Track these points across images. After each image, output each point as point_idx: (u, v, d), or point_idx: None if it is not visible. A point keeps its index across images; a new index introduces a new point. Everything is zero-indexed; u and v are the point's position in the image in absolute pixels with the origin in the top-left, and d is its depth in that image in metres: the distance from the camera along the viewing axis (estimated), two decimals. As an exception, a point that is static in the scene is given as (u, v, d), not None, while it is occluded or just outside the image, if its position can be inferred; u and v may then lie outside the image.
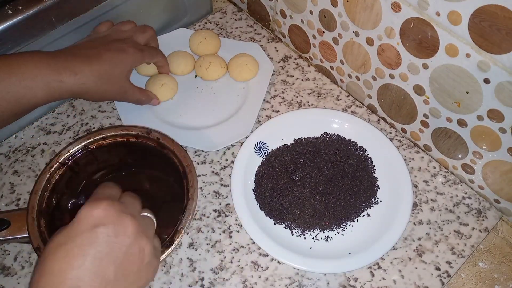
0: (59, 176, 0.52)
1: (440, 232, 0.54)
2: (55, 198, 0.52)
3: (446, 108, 0.53)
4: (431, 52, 0.49)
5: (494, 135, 0.50)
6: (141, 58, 0.58)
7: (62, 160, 0.52)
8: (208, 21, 0.76)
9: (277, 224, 0.54)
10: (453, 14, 0.44)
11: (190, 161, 0.51)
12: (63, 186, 0.53)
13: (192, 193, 0.49)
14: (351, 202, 0.55)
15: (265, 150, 0.60)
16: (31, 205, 0.49)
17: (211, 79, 0.67)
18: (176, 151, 0.52)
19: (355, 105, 0.66)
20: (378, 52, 0.56)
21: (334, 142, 0.60)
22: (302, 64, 0.70)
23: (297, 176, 0.57)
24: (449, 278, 0.51)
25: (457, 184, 0.58)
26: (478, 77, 0.46)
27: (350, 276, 0.51)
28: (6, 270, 0.52)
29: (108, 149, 0.54)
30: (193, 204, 0.48)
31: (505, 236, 0.55)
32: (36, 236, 0.47)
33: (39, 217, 0.48)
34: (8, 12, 0.51)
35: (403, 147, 0.62)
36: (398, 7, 0.49)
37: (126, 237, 0.33)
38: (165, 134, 0.53)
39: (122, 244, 0.33)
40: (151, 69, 0.66)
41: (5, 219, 0.48)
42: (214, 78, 0.67)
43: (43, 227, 0.48)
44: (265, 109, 0.65)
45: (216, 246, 0.53)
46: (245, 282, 0.51)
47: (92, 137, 0.53)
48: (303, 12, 0.64)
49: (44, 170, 0.51)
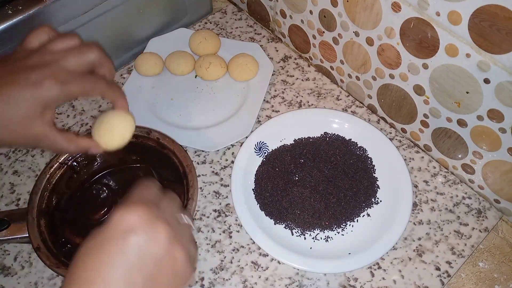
0: (59, 176, 0.52)
1: (440, 232, 0.54)
2: (55, 198, 0.52)
3: (446, 108, 0.53)
4: (431, 52, 0.49)
5: (494, 135, 0.50)
6: (64, 94, 0.40)
7: (62, 160, 0.52)
8: (208, 21, 0.76)
9: (277, 224, 0.54)
10: (453, 14, 0.44)
11: (190, 161, 0.51)
12: (63, 186, 0.53)
13: (192, 193, 0.49)
14: (351, 202, 0.55)
15: (265, 150, 0.60)
16: (31, 205, 0.49)
17: (211, 79, 0.67)
18: (176, 151, 0.52)
19: (355, 105, 0.66)
20: (378, 52, 0.56)
21: (334, 142, 0.60)
22: (302, 64, 0.70)
23: (297, 176, 0.57)
24: (449, 278, 0.51)
25: (457, 184, 0.58)
26: (478, 77, 0.46)
27: (350, 276, 0.51)
28: (6, 270, 0.52)
29: None
30: (193, 204, 0.48)
31: (505, 236, 0.55)
32: (36, 236, 0.47)
33: (39, 217, 0.48)
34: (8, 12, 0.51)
35: (403, 147, 0.62)
36: (398, 7, 0.49)
37: (158, 246, 0.32)
38: (165, 134, 0.53)
39: (154, 254, 0.32)
40: (152, 69, 0.66)
41: (5, 219, 0.48)
42: (214, 78, 0.67)
43: (43, 227, 0.48)
44: (265, 109, 0.65)
45: (216, 246, 0.53)
46: (245, 282, 0.51)
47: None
48: (303, 12, 0.64)
49: (44, 170, 0.51)
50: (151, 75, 0.67)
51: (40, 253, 0.46)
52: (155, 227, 0.32)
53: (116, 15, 0.62)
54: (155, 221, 0.32)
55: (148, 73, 0.66)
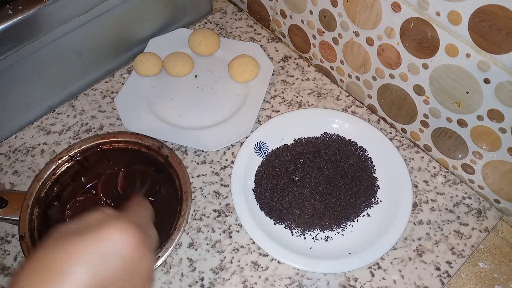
0: (66, 168, 0.53)
1: (440, 232, 0.54)
2: (57, 189, 0.52)
3: (446, 108, 0.53)
4: (431, 52, 0.49)
5: (494, 135, 0.50)
6: None
7: (73, 153, 0.53)
8: (208, 21, 0.76)
9: (277, 224, 0.54)
10: (453, 14, 0.44)
11: (190, 189, 0.51)
12: (68, 178, 0.54)
13: (180, 223, 0.48)
14: (351, 202, 0.55)
15: (265, 150, 0.60)
16: (29, 191, 0.49)
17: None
18: (180, 174, 0.52)
19: (355, 105, 0.66)
20: (378, 52, 0.56)
21: (334, 142, 0.60)
22: (302, 64, 0.70)
23: (297, 176, 0.57)
24: (449, 278, 0.51)
25: (457, 184, 0.58)
26: (478, 77, 0.46)
27: (350, 276, 0.51)
28: (6, 270, 0.52)
29: (120, 152, 0.55)
30: (178, 235, 0.47)
31: (505, 236, 0.55)
32: (25, 223, 0.47)
33: (34, 204, 0.49)
34: (8, 12, 0.51)
35: (403, 147, 0.62)
36: (398, 7, 0.49)
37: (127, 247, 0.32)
38: (175, 153, 0.53)
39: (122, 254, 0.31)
40: (151, 69, 0.66)
41: (3, 198, 0.49)
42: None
43: (35, 216, 0.49)
44: (265, 109, 0.65)
45: (216, 246, 0.53)
46: (245, 282, 0.51)
47: (106, 138, 0.54)
48: (303, 12, 0.64)
49: (53, 159, 0.52)
50: (151, 75, 0.67)
51: (22, 242, 0.46)
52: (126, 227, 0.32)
53: (116, 15, 0.62)
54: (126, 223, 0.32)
55: (148, 73, 0.66)
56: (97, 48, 0.64)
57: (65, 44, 0.59)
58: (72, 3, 0.56)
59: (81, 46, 0.61)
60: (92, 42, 0.63)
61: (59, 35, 0.57)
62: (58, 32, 0.57)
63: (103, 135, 0.54)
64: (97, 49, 0.64)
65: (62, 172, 0.52)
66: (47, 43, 0.56)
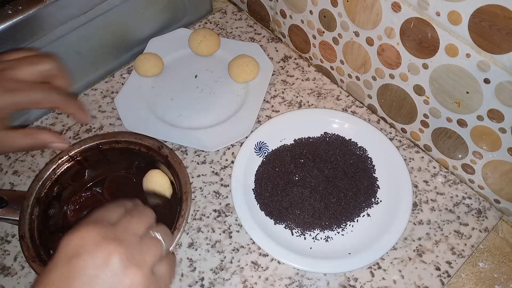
0: (66, 168, 0.53)
1: (440, 232, 0.54)
2: (57, 189, 0.52)
3: (446, 108, 0.53)
4: (431, 52, 0.49)
5: (494, 135, 0.50)
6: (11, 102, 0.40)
7: (73, 153, 0.53)
8: (208, 21, 0.76)
9: (277, 224, 0.54)
10: (453, 14, 0.44)
11: (190, 189, 0.51)
12: (68, 178, 0.54)
13: (180, 223, 0.48)
14: (351, 202, 0.55)
15: (265, 150, 0.60)
16: (30, 191, 0.49)
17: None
18: (180, 174, 0.52)
19: (355, 105, 0.66)
20: (378, 52, 0.56)
21: (334, 142, 0.60)
22: (302, 64, 0.70)
23: (297, 176, 0.57)
24: (449, 278, 0.51)
25: (457, 184, 0.58)
26: (478, 77, 0.46)
27: (350, 276, 0.51)
28: (6, 270, 0.52)
29: (120, 152, 0.55)
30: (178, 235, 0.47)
31: (505, 236, 0.55)
32: (25, 223, 0.47)
33: (34, 204, 0.49)
34: (8, 12, 0.51)
35: (403, 147, 0.62)
36: (398, 7, 0.49)
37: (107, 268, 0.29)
38: (175, 154, 0.53)
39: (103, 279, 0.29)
40: (151, 69, 0.66)
41: (3, 198, 0.49)
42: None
43: (35, 216, 0.49)
44: (265, 109, 0.65)
45: (216, 246, 0.53)
46: (245, 282, 0.51)
47: (106, 138, 0.54)
48: (303, 12, 0.64)
49: (53, 159, 0.52)
50: (151, 75, 0.67)
51: (22, 242, 0.46)
52: (103, 249, 0.30)
53: (116, 15, 0.62)
54: (103, 243, 0.30)
55: (148, 73, 0.66)
56: (97, 48, 0.64)
57: (65, 44, 0.59)
58: (72, 3, 0.56)
59: (81, 46, 0.61)
60: (92, 42, 0.63)
61: (59, 35, 0.57)
62: (58, 32, 0.57)
63: (103, 135, 0.54)
64: (97, 49, 0.64)
65: (62, 172, 0.52)
66: (47, 43, 0.56)
